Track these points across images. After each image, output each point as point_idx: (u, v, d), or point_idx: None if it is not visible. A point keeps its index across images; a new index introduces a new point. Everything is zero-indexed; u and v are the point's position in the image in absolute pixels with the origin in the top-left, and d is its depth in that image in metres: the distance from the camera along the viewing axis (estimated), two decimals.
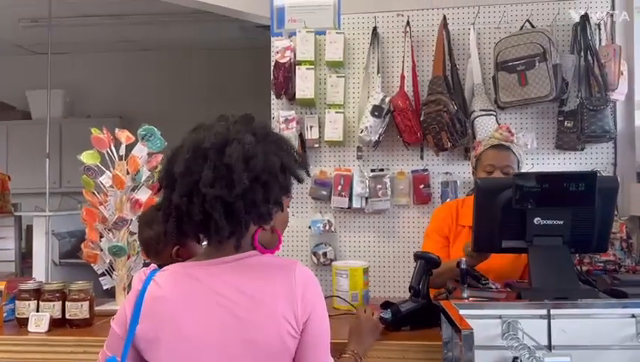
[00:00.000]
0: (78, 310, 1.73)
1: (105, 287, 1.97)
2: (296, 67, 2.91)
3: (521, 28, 2.87)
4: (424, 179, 2.88)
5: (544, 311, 1.39)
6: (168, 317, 1.10)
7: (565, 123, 2.83)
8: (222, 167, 1.08)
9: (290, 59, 2.92)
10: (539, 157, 2.88)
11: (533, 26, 2.85)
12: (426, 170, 2.90)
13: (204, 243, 1.21)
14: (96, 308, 1.85)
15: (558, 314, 1.39)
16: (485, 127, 2.77)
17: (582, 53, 2.81)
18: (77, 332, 1.71)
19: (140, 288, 1.14)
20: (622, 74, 2.75)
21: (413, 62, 2.91)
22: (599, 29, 2.85)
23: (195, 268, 1.14)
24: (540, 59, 2.68)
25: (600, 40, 2.83)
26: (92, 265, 1.95)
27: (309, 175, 1.24)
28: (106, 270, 1.96)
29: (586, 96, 2.73)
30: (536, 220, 1.58)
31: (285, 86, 2.92)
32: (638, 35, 2.85)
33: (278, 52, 2.95)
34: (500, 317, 1.40)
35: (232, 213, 1.09)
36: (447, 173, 2.90)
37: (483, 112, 2.81)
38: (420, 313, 1.67)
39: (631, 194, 2.68)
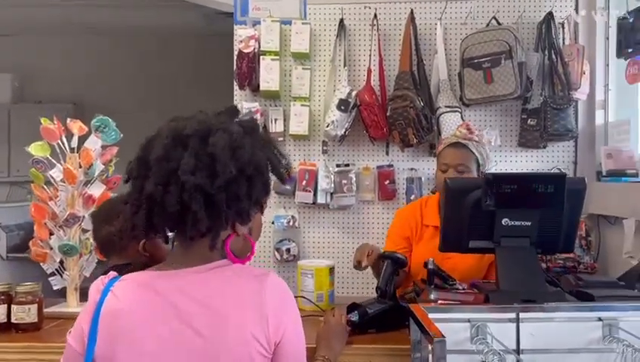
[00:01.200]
0: (25, 314, 1.62)
1: (55, 288, 1.85)
2: (261, 57, 2.83)
3: (488, 25, 2.87)
4: (389, 175, 2.86)
5: (513, 315, 1.38)
6: (126, 333, 1.01)
7: (528, 121, 2.85)
8: (204, 156, 1.01)
9: (254, 49, 2.83)
10: (502, 154, 2.90)
11: (499, 23, 2.85)
12: (392, 165, 2.88)
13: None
14: (46, 310, 1.74)
15: (527, 318, 1.38)
16: (450, 124, 2.76)
17: (546, 52, 2.83)
18: (24, 338, 1.60)
19: (98, 300, 1.05)
20: (584, 73, 2.79)
21: (380, 56, 2.87)
22: (563, 28, 2.88)
23: (157, 280, 1.05)
24: (506, 57, 2.68)
25: (563, 39, 2.86)
26: (41, 264, 1.83)
27: (290, 177, 1.18)
28: (56, 269, 1.85)
29: (549, 95, 2.75)
30: (504, 221, 1.56)
31: (249, 77, 2.83)
32: (599, 35, 2.89)
33: (241, 41, 2.85)
34: (468, 320, 1.38)
35: (212, 206, 1.01)
36: (412, 169, 2.88)
37: (448, 109, 2.80)
38: (388, 315, 1.64)
39: (590, 193, 2.73)
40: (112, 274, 1.10)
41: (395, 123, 2.70)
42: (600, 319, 1.38)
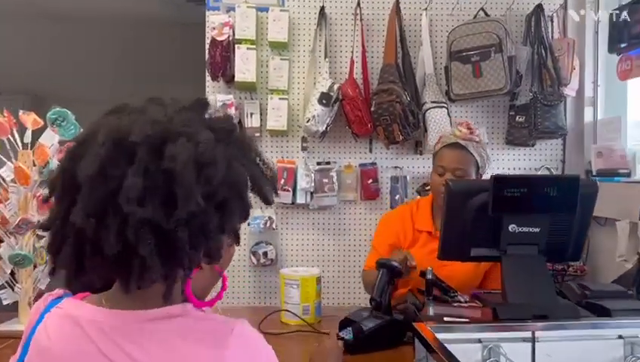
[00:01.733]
0: None
1: (5, 302, 1.63)
2: (236, 46, 2.63)
3: (475, 16, 2.74)
4: (372, 174, 2.70)
5: (528, 334, 1.25)
6: None
7: (517, 118, 2.74)
8: (157, 174, 0.72)
9: (228, 37, 2.63)
10: (488, 152, 2.78)
11: (487, 15, 2.72)
12: (375, 163, 2.72)
13: None
14: None
15: (543, 337, 1.25)
16: (436, 120, 2.63)
17: (535, 46, 2.72)
18: None
19: (33, 324, 0.84)
20: (574, 69, 2.69)
21: (363, 47, 2.71)
22: (552, 22, 2.78)
23: (95, 323, 0.78)
24: (496, 50, 2.56)
25: (552, 33, 2.76)
26: None
27: (277, 195, 0.88)
28: (6, 282, 1.62)
29: (539, 91, 2.64)
30: (511, 227, 1.44)
31: (223, 67, 2.63)
32: (588, 30, 2.80)
33: (214, 28, 2.65)
34: (479, 340, 1.24)
35: (168, 246, 0.72)
36: (396, 167, 2.73)
37: (434, 104, 2.66)
38: (385, 331, 1.48)
39: None
40: (58, 292, 0.87)
41: (379, 118, 2.54)
42: (621, 337, 1.25)
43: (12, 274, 1.64)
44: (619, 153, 2.53)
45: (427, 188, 2.65)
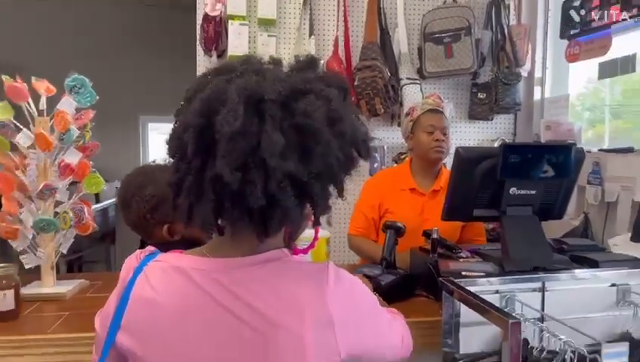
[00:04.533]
0: (0, 300, 1.24)
1: (27, 266, 1.47)
2: (229, 22, 2.46)
3: (445, 2, 2.69)
4: None
5: (538, 284, 1.24)
6: (159, 334, 0.72)
7: (478, 95, 2.75)
8: (292, 129, 0.67)
9: (220, 13, 2.45)
10: (454, 125, 2.79)
11: (455, 1, 2.68)
12: None
13: None
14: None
15: (549, 287, 1.25)
16: (411, 95, 2.59)
17: (495, 31, 2.72)
18: (1, 329, 1.22)
19: (128, 280, 0.75)
20: (528, 52, 2.71)
21: (346, 25, 2.61)
22: (508, 10, 2.77)
23: (201, 271, 0.73)
24: (466, 33, 2.53)
25: (509, 19, 2.76)
26: (10, 241, 1.43)
27: (369, 155, 0.80)
28: (28, 246, 1.46)
29: (501, 71, 2.65)
30: (512, 190, 1.42)
31: (215, 41, 2.46)
32: (540, 16, 2.82)
33: (206, 4, 2.46)
34: (497, 291, 1.22)
35: (305, 198, 0.70)
36: (375, 138, 2.67)
37: (409, 81, 2.62)
38: (400, 285, 1.45)
39: None
40: (150, 249, 0.80)
41: (362, 93, 2.47)
42: (614, 284, 1.28)
43: (33, 238, 1.47)
44: (566, 127, 2.59)
45: (402, 156, 2.62)
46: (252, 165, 0.66)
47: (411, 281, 1.48)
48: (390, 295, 1.39)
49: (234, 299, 0.70)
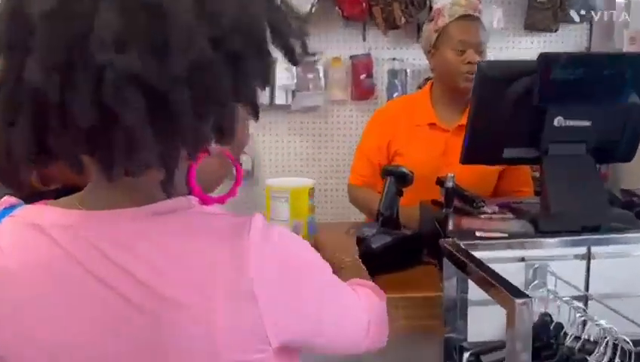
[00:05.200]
0: None
1: None
2: None
3: None
4: (366, 67, 2.56)
5: (582, 250, 1.13)
6: (13, 314, 0.67)
7: None
8: (141, 11, 0.57)
9: None
10: (503, 39, 2.66)
11: None
12: (369, 54, 2.58)
13: None
14: None
15: (598, 253, 1.14)
16: None
17: None
18: None
19: None
20: None
21: None
22: None
23: (69, 228, 0.67)
24: None
25: None
26: None
27: (307, 53, 0.68)
28: None
29: None
30: (557, 120, 1.29)
31: None
32: None
33: None
34: (522, 259, 1.12)
35: (165, 115, 0.59)
36: (394, 59, 2.60)
37: None
38: (397, 249, 1.38)
39: None
40: (10, 200, 0.73)
41: None
42: None
43: None
44: None
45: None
46: (78, 62, 0.57)
47: (415, 244, 1.39)
48: (384, 262, 1.31)
49: (111, 266, 0.64)
